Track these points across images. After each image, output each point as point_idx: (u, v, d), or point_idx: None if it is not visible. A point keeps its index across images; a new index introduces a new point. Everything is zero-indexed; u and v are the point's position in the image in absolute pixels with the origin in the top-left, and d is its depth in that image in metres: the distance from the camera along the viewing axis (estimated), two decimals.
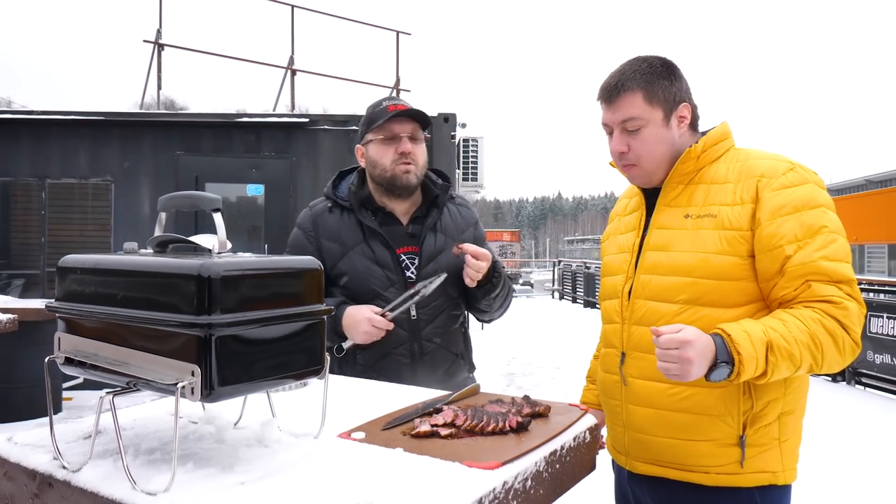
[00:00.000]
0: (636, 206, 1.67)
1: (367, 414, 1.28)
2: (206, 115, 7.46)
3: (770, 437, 1.46)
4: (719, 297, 1.44)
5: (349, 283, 1.93)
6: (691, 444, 1.47)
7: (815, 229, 1.39)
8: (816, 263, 1.37)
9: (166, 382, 0.91)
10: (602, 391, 1.70)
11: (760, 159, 1.49)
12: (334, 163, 7.31)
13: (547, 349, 10.44)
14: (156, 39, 7.97)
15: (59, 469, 1.00)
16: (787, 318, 1.35)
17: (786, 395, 1.47)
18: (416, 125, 1.96)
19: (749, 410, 1.44)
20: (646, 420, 1.53)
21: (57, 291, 1.09)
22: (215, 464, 1.00)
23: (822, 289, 1.36)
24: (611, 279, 1.67)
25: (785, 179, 1.44)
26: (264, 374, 0.97)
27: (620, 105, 1.51)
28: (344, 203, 2.00)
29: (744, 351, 1.29)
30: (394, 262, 1.93)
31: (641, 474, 1.58)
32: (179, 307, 0.91)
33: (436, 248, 1.97)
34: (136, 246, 1.11)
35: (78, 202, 7.36)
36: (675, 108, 1.53)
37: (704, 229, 1.47)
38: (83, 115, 7.30)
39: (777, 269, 1.40)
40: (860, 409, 6.55)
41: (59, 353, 1.07)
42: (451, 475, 0.96)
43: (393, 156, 1.92)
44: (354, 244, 1.94)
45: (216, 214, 1.03)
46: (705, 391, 1.44)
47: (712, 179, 1.51)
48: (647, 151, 1.52)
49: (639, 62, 1.53)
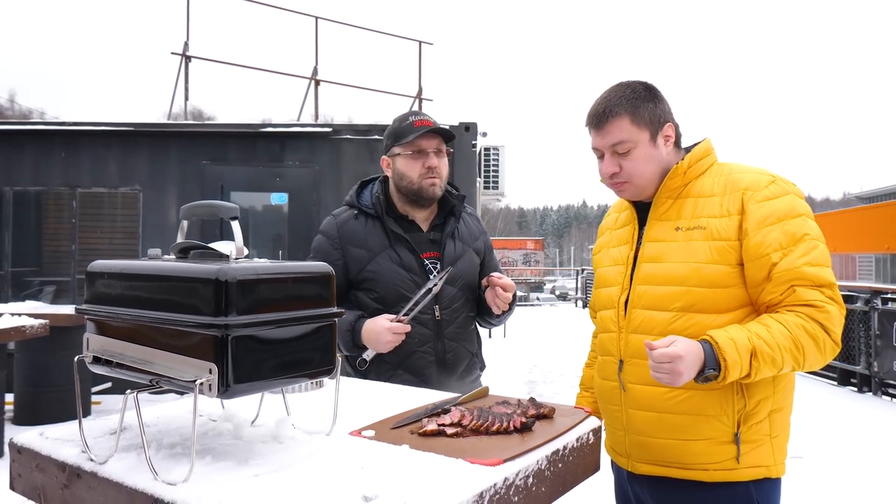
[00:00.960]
0: (627, 220, 1.76)
1: (378, 414, 1.33)
2: (231, 125, 7.61)
3: (762, 433, 1.55)
4: (711, 303, 1.52)
5: (376, 286, 2.02)
6: (690, 443, 1.55)
7: (797, 237, 1.49)
8: (800, 269, 1.47)
9: (186, 380, 0.97)
10: (601, 397, 1.76)
11: (743, 173, 1.59)
12: (357, 171, 7.42)
13: (569, 357, 10.40)
14: (183, 52, 8.17)
15: (87, 461, 1.06)
16: (772, 324, 1.44)
17: (775, 394, 1.56)
18: (440, 140, 2.08)
19: (742, 409, 1.53)
20: (646, 423, 1.60)
21: (86, 295, 1.16)
22: (232, 458, 1.05)
23: (806, 293, 1.46)
24: (606, 290, 1.74)
25: (767, 192, 1.53)
26: (277, 373, 1.02)
27: (610, 130, 1.60)
28: (369, 211, 2.10)
29: (729, 357, 1.39)
30: (419, 266, 2.04)
31: (642, 474, 1.65)
32: (199, 309, 0.97)
33: (455, 254, 2.10)
34: (159, 252, 1.17)
35: (107, 210, 7.55)
36: (661, 128, 1.61)
37: (695, 241, 1.56)
38: (113, 126, 7.49)
39: (764, 275, 1.49)
40: (886, 419, 6.44)
41: (87, 353, 1.14)
42: (454, 470, 1.01)
43: (420, 169, 2.03)
44: (381, 249, 2.04)
45: (234, 222, 1.09)
46: (701, 393, 1.52)
47: (699, 193, 1.60)
48: (638, 171, 1.61)
49: (622, 88, 1.62)
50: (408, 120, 2.07)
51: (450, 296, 2.05)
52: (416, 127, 2.03)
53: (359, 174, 8.12)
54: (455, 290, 2.07)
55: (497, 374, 8.18)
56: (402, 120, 2.09)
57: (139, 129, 7.53)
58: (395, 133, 2.08)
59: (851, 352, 7.90)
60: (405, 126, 2.06)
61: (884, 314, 7.38)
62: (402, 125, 2.07)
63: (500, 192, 12.35)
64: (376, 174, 2.20)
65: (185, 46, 8.17)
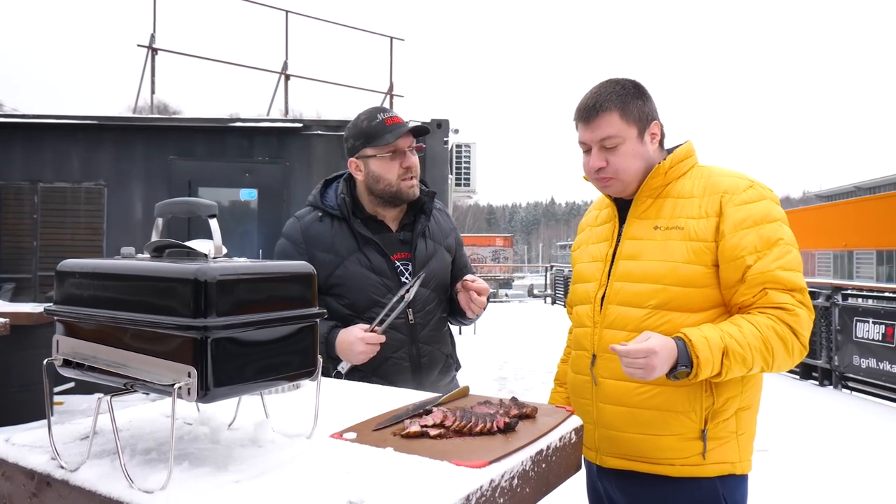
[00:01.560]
0: (607, 217, 1.78)
1: (358, 415, 1.31)
2: (199, 119, 7.48)
3: (728, 430, 1.59)
4: (685, 302, 1.56)
5: (346, 291, 1.94)
6: (658, 438, 1.58)
7: (772, 241, 1.53)
8: (774, 273, 1.50)
9: (163, 383, 0.93)
10: (572, 391, 1.79)
11: (723, 176, 1.62)
12: (328, 168, 7.34)
13: (539, 354, 10.46)
14: (150, 44, 7.99)
15: (58, 469, 1.02)
16: (744, 325, 1.48)
17: (743, 392, 1.60)
18: (412, 136, 1.98)
19: (710, 406, 1.56)
20: (615, 417, 1.63)
21: (55, 295, 1.12)
22: (210, 463, 1.02)
23: (778, 296, 1.50)
24: (583, 286, 1.76)
25: (745, 196, 1.57)
26: (259, 376, 0.99)
27: (599, 124, 1.61)
28: (334, 212, 2.00)
29: (702, 355, 1.43)
30: (390, 269, 1.96)
31: (611, 468, 1.68)
32: (176, 310, 0.93)
33: (427, 254, 2.03)
34: (133, 251, 1.13)
35: (70, 206, 7.36)
36: (648, 125, 1.64)
37: (673, 240, 1.59)
38: (76, 119, 7.30)
39: (738, 277, 1.53)
40: (846, 411, 6.61)
41: (57, 356, 1.10)
42: (440, 473, 0.99)
43: (398, 170, 1.95)
44: (349, 253, 1.95)
45: (212, 220, 1.05)
46: (671, 389, 1.56)
47: (678, 194, 1.63)
48: (625, 166, 1.63)
49: (612, 84, 1.64)
50: (377, 118, 1.96)
51: (423, 298, 1.98)
52: (389, 126, 1.93)
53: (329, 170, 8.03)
54: (428, 292, 2.00)
55: (468, 372, 8.17)
56: (370, 118, 1.97)
57: (104, 123, 7.35)
58: (366, 133, 1.96)
59: (813, 346, 8.07)
60: (376, 125, 1.95)
61: (844, 310, 7.58)
62: (371, 124, 1.96)
63: (472, 188, 12.36)
64: (341, 172, 2.12)
65: (152, 38, 8.00)
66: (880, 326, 6.94)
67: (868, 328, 7.08)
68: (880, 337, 6.93)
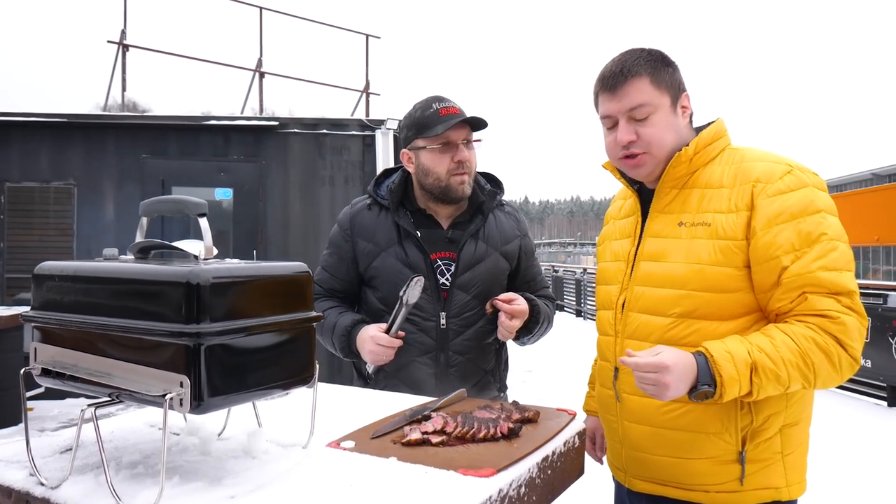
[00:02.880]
0: (631, 209, 1.60)
1: (352, 422, 1.25)
2: (173, 117, 7.31)
3: (772, 451, 1.39)
4: (714, 309, 1.37)
5: (380, 284, 1.86)
6: (689, 462, 1.40)
7: (813, 237, 1.32)
8: (814, 274, 1.30)
9: (153, 394, 0.87)
10: (599, 405, 1.64)
11: (757, 161, 1.41)
12: (304, 166, 7.23)
13: (516, 352, 10.42)
14: (120, 40, 7.80)
15: (37, 486, 0.96)
16: (777, 336, 1.29)
17: (788, 408, 1.40)
18: (469, 129, 1.85)
19: (748, 426, 1.37)
20: (642, 438, 1.46)
21: (33, 300, 1.05)
22: (202, 477, 0.97)
23: (819, 301, 1.29)
24: (605, 288, 1.60)
25: (781, 184, 1.35)
26: (255, 384, 0.94)
27: (628, 91, 1.42)
28: (383, 201, 1.91)
29: (725, 373, 1.25)
30: (427, 267, 1.83)
31: (640, 492, 1.51)
32: (167, 315, 0.88)
33: (475, 257, 1.86)
34: (116, 252, 1.07)
35: (39, 206, 7.15)
36: (680, 95, 1.46)
37: (699, 238, 1.40)
38: (45, 117, 7.09)
39: (774, 280, 1.33)
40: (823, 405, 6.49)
41: (35, 364, 1.03)
42: (448, 484, 0.95)
43: (449, 164, 1.81)
44: (388, 245, 1.86)
45: (202, 219, 1.00)
46: (701, 408, 1.38)
47: (707, 183, 1.44)
48: (658, 139, 1.42)
49: (637, 51, 1.47)
50: (431, 108, 1.83)
51: (461, 303, 1.83)
52: (443, 116, 1.80)
53: (306, 169, 7.98)
54: (468, 298, 1.83)
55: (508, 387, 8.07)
56: (425, 108, 1.84)
57: (74, 121, 7.15)
58: (418, 123, 1.83)
59: None
60: (429, 115, 1.82)
61: None
62: (424, 114, 1.83)
63: None
64: (323, 169, 2.04)
65: (123, 35, 7.81)
66: None
67: None
68: None
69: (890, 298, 6.78)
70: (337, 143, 7.44)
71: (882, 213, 19.53)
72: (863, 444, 5.30)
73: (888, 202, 19.09)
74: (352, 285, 1.93)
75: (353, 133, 7.48)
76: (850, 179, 34.65)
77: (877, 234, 9.87)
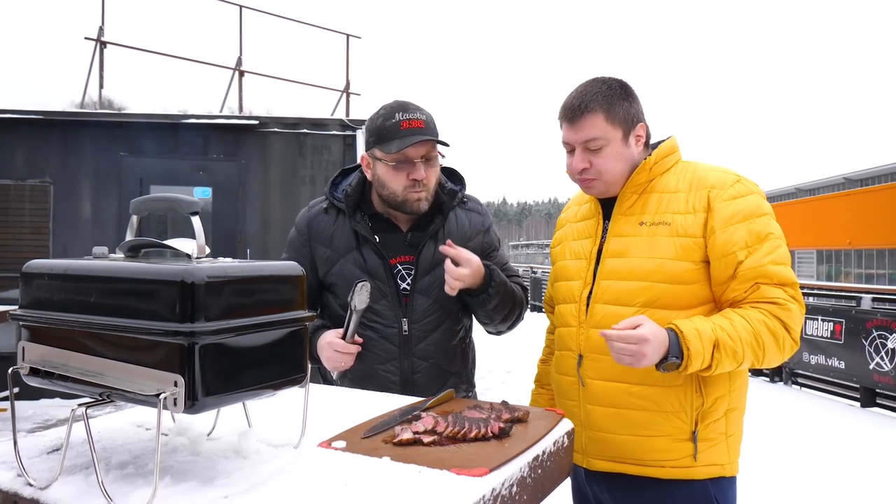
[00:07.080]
0: (589, 213, 1.74)
1: (343, 422, 1.25)
2: (151, 115, 7.23)
3: (718, 431, 1.57)
4: (674, 299, 1.53)
5: (340, 291, 1.80)
6: (648, 439, 1.56)
7: (762, 236, 1.51)
8: (765, 268, 1.49)
9: (147, 393, 0.87)
10: (558, 392, 1.75)
11: (709, 171, 1.60)
12: (284, 166, 7.19)
13: (496, 353, 10.46)
14: (98, 37, 7.70)
15: (25, 487, 0.95)
16: (735, 318, 1.46)
17: (731, 392, 1.58)
18: (431, 144, 1.75)
19: (700, 407, 1.54)
20: (604, 419, 1.60)
21: (21, 298, 1.03)
22: (193, 477, 0.96)
23: (770, 291, 1.48)
24: (566, 284, 1.72)
25: (733, 190, 1.55)
26: (249, 383, 0.94)
27: (583, 126, 1.58)
28: (340, 205, 1.85)
29: (692, 347, 1.40)
30: (386, 273, 1.78)
31: (599, 471, 1.64)
32: (161, 314, 0.87)
33: (434, 259, 1.80)
34: (106, 250, 1.06)
35: (14, 204, 7.03)
36: (633, 127, 1.62)
37: (660, 236, 1.56)
38: (20, 114, 6.98)
39: (730, 273, 1.51)
40: (801, 407, 6.79)
41: (23, 364, 1.01)
42: (441, 483, 0.95)
43: (405, 181, 1.73)
44: (346, 251, 1.81)
45: (194, 217, 0.99)
46: (660, 389, 1.54)
47: (664, 189, 1.61)
48: (608, 168, 1.60)
49: (598, 84, 1.61)
50: (394, 118, 1.73)
51: (422, 308, 1.78)
52: (403, 130, 1.70)
53: (287, 168, 7.92)
54: (430, 302, 1.79)
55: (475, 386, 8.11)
56: (387, 117, 1.74)
57: (50, 118, 7.04)
58: (378, 132, 1.75)
59: None
60: (389, 126, 1.72)
61: None
62: (385, 124, 1.74)
63: None
64: (303, 169, 1.99)
65: (100, 31, 7.71)
66: (829, 324, 7.15)
67: (817, 325, 7.29)
68: (828, 334, 7.15)
69: (863, 301, 7.01)
70: (317, 142, 7.41)
71: (854, 216, 20.11)
72: (837, 443, 5.55)
73: (860, 206, 19.62)
74: (312, 290, 1.85)
75: (333, 133, 7.46)
76: (822, 184, 35.47)
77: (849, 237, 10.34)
